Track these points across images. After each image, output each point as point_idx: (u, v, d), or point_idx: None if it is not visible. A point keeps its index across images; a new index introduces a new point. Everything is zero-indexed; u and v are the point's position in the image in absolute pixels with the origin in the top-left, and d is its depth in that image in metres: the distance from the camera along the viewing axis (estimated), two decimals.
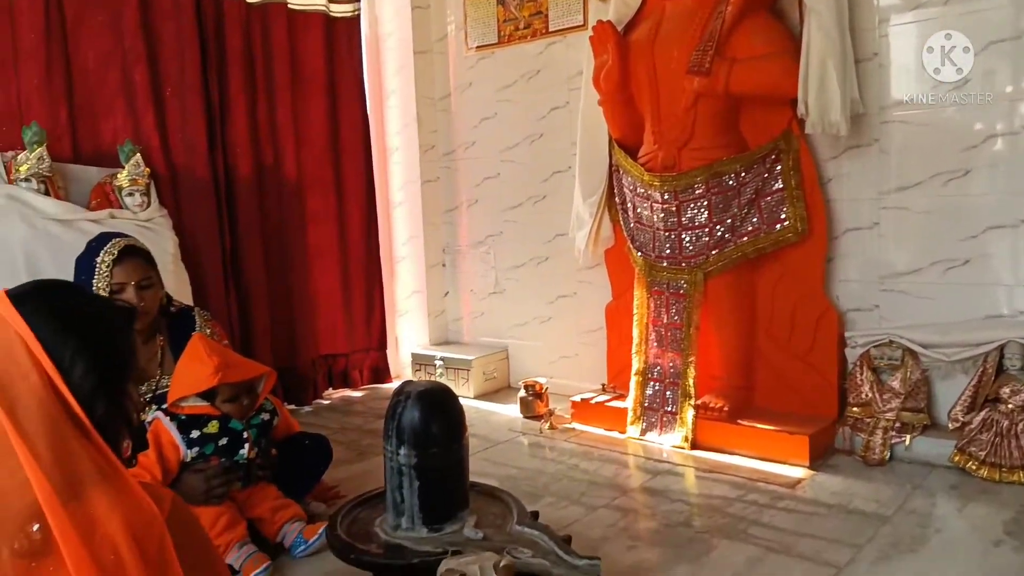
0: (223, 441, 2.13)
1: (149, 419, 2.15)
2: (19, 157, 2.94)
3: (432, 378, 4.11)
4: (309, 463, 2.44)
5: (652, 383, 3.19)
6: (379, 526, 1.89)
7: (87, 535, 0.85)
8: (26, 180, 2.92)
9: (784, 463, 2.76)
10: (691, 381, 3.06)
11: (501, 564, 1.50)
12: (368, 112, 4.23)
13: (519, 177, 4.05)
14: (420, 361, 4.25)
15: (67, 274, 2.23)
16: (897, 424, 2.77)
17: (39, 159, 2.96)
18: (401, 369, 4.48)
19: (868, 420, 2.82)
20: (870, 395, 2.85)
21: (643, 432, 3.16)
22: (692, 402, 3.05)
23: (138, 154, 3.28)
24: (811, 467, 2.72)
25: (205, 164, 3.56)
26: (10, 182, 2.92)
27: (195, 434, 2.09)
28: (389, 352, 4.38)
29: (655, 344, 3.21)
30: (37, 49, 3.10)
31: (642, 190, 3.18)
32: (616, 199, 3.38)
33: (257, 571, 2.03)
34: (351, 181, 4.19)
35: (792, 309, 3.02)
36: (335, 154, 4.13)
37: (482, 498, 2.03)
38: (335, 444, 3.06)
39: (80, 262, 2.24)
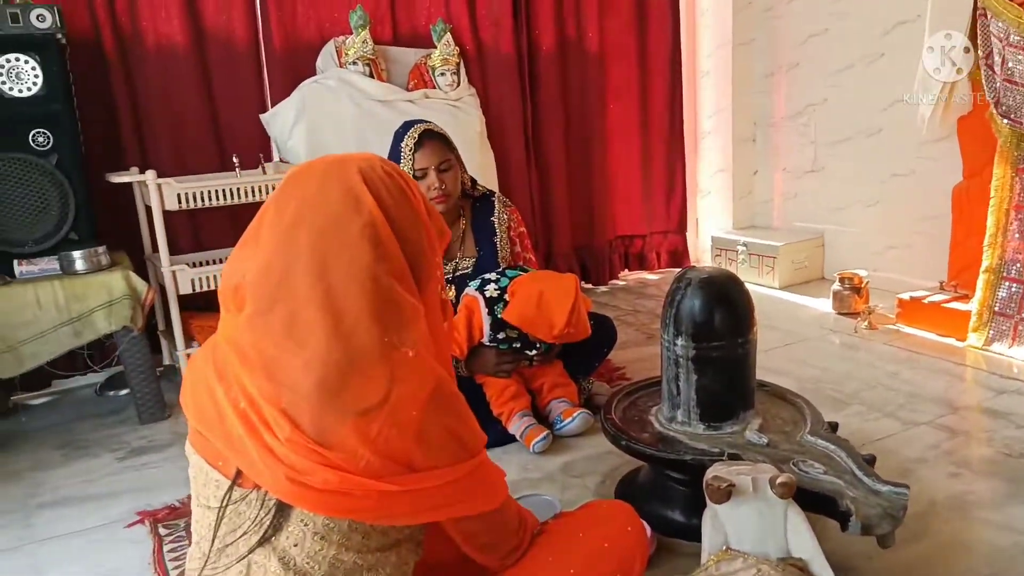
0: (517, 344, 2.22)
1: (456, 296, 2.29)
2: (347, 41, 3.20)
3: (734, 265, 3.85)
4: (593, 344, 2.40)
5: (1008, 283, 2.67)
6: (655, 415, 1.80)
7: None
8: (353, 63, 3.18)
9: None
10: None
11: (779, 480, 1.30)
12: None
13: (852, 32, 3.49)
14: (721, 246, 3.99)
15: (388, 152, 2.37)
16: None
17: (363, 42, 3.19)
18: (700, 254, 4.27)
19: None
20: None
21: (988, 341, 2.69)
22: None
23: (448, 33, 3.38)
24: None
25: (510, 39, 3.57)
26: (341, 65, 3.19)
27: (501, 335, 2.19)
28: (689, 235, 4.19)
29: (1017, 236, 2.66)
30: None
31: (1018, 38, 2.52)
32: (980, 52, 2.73)
33: (536, 439, 2.11)
34: (655, 50, 3.96)
35: None
36: (640, 22, 3.91)
37: (771, 400, 1.83)
38: (625, 326, 3.04)
39: (391, 150, 2.37)
